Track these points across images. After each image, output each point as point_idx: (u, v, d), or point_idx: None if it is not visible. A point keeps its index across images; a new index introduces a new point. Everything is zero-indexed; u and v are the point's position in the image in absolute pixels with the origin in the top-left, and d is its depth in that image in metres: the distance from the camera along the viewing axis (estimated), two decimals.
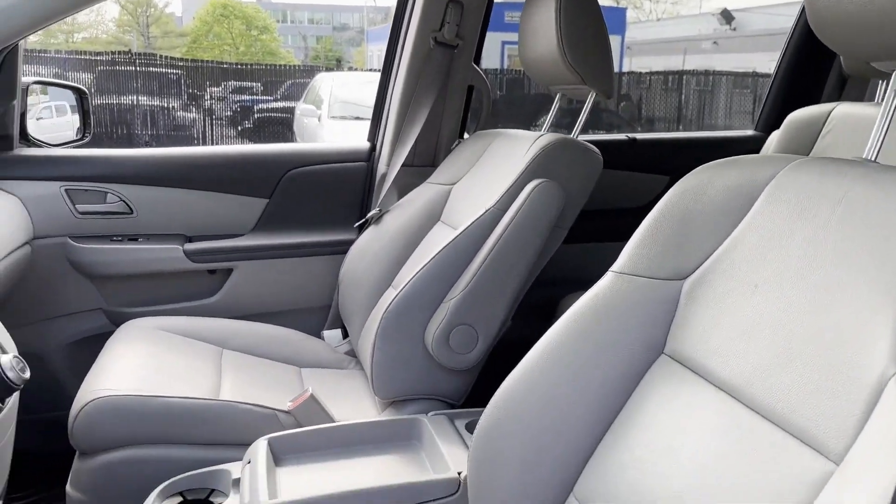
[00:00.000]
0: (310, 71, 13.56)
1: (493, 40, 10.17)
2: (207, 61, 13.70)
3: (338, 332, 1.94)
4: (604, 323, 0.95)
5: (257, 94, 12.55)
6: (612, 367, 0.94)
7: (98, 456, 1.35)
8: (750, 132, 2.48)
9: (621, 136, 2.30)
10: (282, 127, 11.17)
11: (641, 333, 0.93)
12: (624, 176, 2.20)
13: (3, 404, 1.07)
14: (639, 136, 2.32)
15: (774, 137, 1.89)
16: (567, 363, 0.95)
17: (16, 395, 1.14)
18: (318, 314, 1.99)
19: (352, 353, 1.82)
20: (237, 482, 1.20)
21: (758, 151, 2.01)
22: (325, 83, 9.50)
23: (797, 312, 0.76)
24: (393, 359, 1.44)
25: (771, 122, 2.35)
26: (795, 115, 1.84)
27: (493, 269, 1.39)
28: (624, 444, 0.90)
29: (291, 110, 11.07)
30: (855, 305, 0.70)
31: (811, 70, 2.29)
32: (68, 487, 1.37)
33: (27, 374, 1.05)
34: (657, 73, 14.03)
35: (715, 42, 20.04)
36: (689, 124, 12.84)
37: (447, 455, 1.20)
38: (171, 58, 12.69)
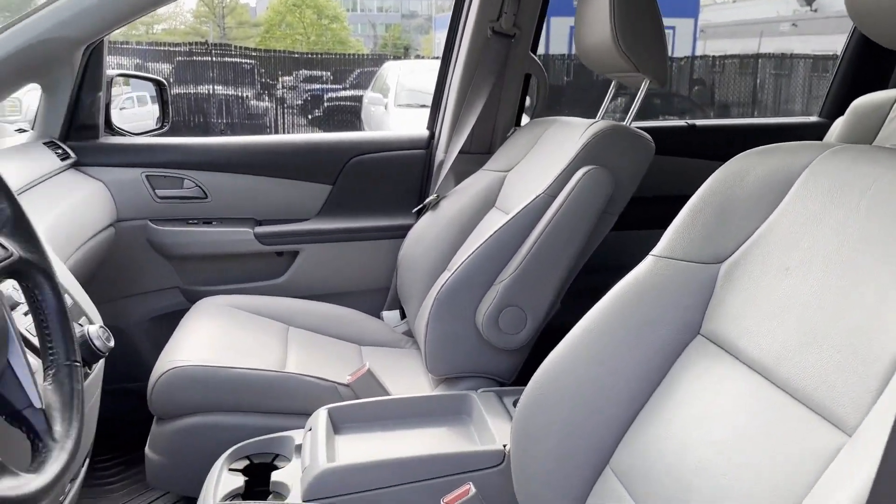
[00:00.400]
0: (378, 59, 13.73)
1: (561, 25, 10.05)
2: (279, 51, 14.04)
3: (396, 314, 2.03)
4: (643, 304, 0.99)
5: (327, 83, 12.80)
6: (650, 346, 0.97)
7: (174, 421, 1.47)
8: (813, 119, 2.43)
9: (681, 123, 2.29)
10: (350, 115, 11.36)
11: (679, 315, 0.97)
12: (681, 162, 2.20)
13: (90, 370, 1.18)
14: (699, 122, 2.31)
15: (838, 124, 1.87)
16: (606, 342, 1.00)
17: (101, 362, 1.26)
18: (378, 295, 2.07)
19: (409, 334, 1.90)
20: (299, 448, 1.29)
21: (821, 138, 1.98)
22: (391, 71, 9.62)
23: (825, 295, 0.79)
24: (445, 338, 1.51)
25: (835, 108, 2.30)
26: (860, 102, 1.81)
27: (542, 253, 1.44)
28: (658, 419, 0.94)
29: (359, 99, 11.24)
30: (878, 289, 0.73)
31: (878, 55, 2.23)
32: (147, 450, 1.50)
33: (111, 343, 1.16)
34: (732, 56, 13.60)
35: (794, 24, 19.26)
36: (765, 110, 12.42)
37: (494, 429, 1.26)
38: (245, 48, 13.06)
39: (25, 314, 0.99)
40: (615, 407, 0.98)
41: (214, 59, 11.87)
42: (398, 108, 8.64)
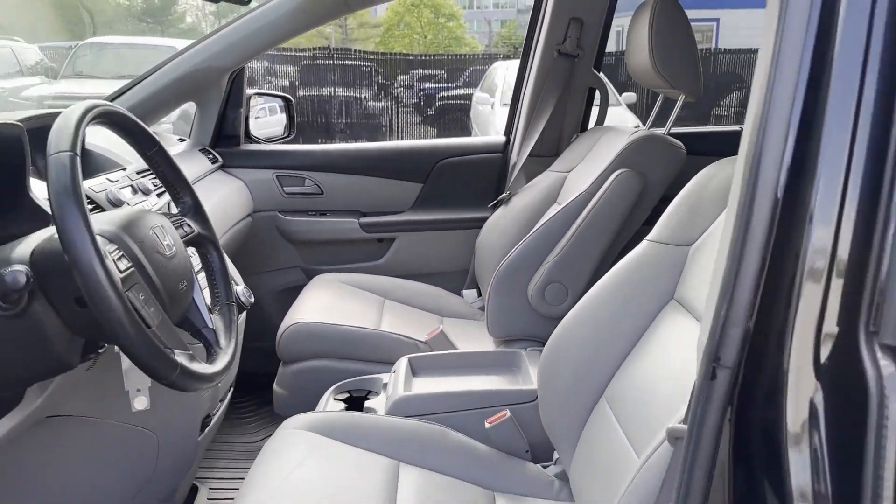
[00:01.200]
0: (489, 59, 14.10)
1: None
2: (395, 54, 14.67)
3: (474, 292, 2.40)
4: (634, 278, 1.32)
5: (440, 83, 13.29)
6: (638, 309, 1.30)
7: (295, 364, 1.92)
8: None
9: (733, 128, 2.53)
10: (460, 113, 11.79)
11: (660, 285, 1.29)
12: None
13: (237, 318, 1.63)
14: None
15: None
16: (605, 307, 1.33)
17: (244, 315, 1.71)
18: (459, 276, 2.46)
19: (483, 308, 2.27)
20: (385, 386, 1.70)
21: None
22: (499, 71, 9.97)
23: None
24: (502, 307, 1.87)
25: None
26: None
27: (580, 241, 1.77)
28: (638, 362, 1.27)
29: (470, 97, 11.65)
30: None
31: None
32: (275, 386, 1.96)
33: (252, 300, 1.61)
34: None
35: None
36: None
37: (533, 377, 1.61)
38: (364, 52, 13.76)
39: (198, 272, 1.44)
40: (610, 354, 1.31)
41: (336, 62, 12.61)
42: (504, 106, 8.96)
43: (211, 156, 2.34)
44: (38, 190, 1.30)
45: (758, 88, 0.69)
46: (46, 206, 1.27)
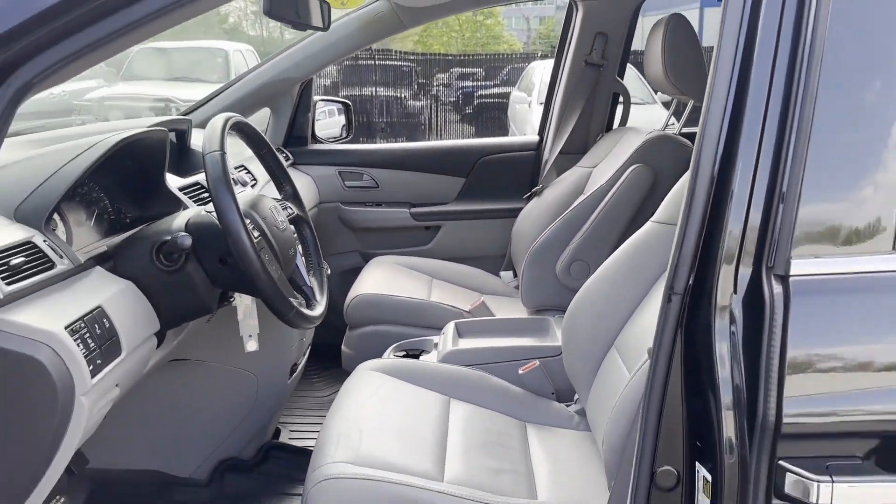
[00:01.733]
0: (526, 57, 14.37)
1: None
2: (434, 54, 15.02)
3: (510, 273, 2.74)
4: (640, 252, 1.64)
5: (479, 80, 13.58)
6: (642, 277, 1.62)
7: (359, 328, 2.28)
8: None
9: None
10: (498, 111, 12.07)
11: (659, 258, 1.61)
12: None
13: None
14: None
15: None
16: (617, 275, 1.65)
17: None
18: (498, 259, 2.80)
19: (518, 287, 2.61)
20: (436, 345, 2.05)
21: None
22: (537, 70, 10.24)
23: None
24: (535, 281, 2.21)
25: None
26: None
27: (600, 225, 2.10)
28: (641, 319, 1.59)
29: (507, 96, 11.93)
30: None
31: None
32: (343, 347, 2.33)
33: (329, 271, 1.97)
34: None
35: None
36: None
37: (560, 338, 1.94)
38: (404, 52, 14.13)
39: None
40: (619, 312, 1.63)
41: (377, 62, 12.99)
42: (540, 105, 9.22)
43: (284, 155, 2.71)
44: (170, 180, 1.69)
45: (704, 100, 1.01)
46: (178, 193, 1.65)
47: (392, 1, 2.45)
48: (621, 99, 2.75)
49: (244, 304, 1.55)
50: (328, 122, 3.39)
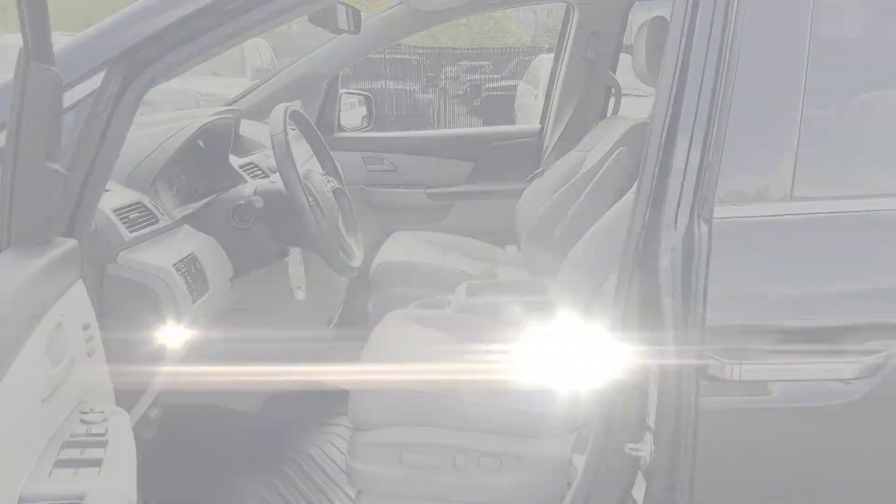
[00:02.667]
0: (533, 51, 14.64)
1: None
2: (442, 47, 15.29)
3: (515, 246, 3.09)
4: (619, 217, 1.99)
5: (486, 74, 13.85)
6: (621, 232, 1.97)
7: (383, 290, 2.64)
8: None
9: None
10: (505, 103, 12.35)
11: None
12: None
13: None
14: None
15: None
16: (605, 234, 2.00)
17: None
18: (504, 233, 3.14)
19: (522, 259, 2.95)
20: (450, 303, 2.39)
21: None
22: (543, 63, 10.55)
23: None
24: (536, 249, 2.55)
25: None
26: None
27: (587, 203, 2.43)
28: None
29: (514, 88, 12.23)
30: None
31: None
32: (369, 306, 2.68)
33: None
34: None
35: None
36: None
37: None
38: (413, 46, 14.43)
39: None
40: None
41: (387, 56, 13.27)
42: None
43: None
44: (231, 160, 2.05)
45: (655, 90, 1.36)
46: (238, 170, 2.01)
47: (410, 5, 2.79)
48: (614, 91, 3.09)
49: (295, 259, 1.91)
50: (351, 112, 3.75)
